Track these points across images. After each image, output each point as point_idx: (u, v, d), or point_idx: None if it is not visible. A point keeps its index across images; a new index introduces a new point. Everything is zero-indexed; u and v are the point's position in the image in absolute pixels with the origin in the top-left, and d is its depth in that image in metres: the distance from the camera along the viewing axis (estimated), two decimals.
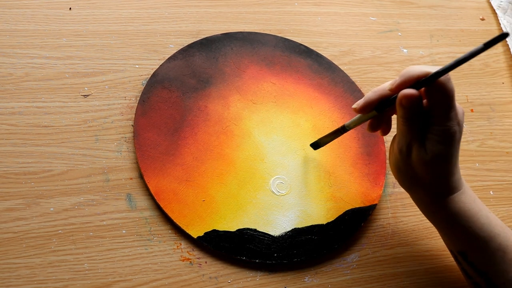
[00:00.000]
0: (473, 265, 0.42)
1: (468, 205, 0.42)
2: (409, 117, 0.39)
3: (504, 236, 0.42)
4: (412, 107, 0.38)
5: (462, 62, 0.35)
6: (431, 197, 0.42)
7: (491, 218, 0.42)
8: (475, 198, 0.43)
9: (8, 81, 0.48)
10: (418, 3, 0.68)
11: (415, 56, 0.63)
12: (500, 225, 0.42)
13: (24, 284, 0.40)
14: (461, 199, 0.42)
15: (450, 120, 0.38)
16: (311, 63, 0.57)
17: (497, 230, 0.42)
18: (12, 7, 0.53)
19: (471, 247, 0.42)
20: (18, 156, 0.45)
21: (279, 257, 0.45)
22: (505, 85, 0.64)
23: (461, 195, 0.42)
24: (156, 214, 0.45)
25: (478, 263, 0.42)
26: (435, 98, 0.38)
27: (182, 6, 0.58)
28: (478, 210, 0.42)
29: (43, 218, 0.43)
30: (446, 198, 0.42)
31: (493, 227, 0.42)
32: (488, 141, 0.59)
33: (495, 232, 0.41)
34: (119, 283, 0.42)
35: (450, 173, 0.41)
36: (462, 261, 0.43)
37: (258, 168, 0.49)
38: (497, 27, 0.69)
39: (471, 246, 0.42)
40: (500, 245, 0.41)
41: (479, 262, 0.42)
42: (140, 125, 0.48)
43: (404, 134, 0.40)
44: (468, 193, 0.43)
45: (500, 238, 0.41)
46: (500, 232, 0.42)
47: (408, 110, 0.38)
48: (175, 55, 0.53)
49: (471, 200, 0.42)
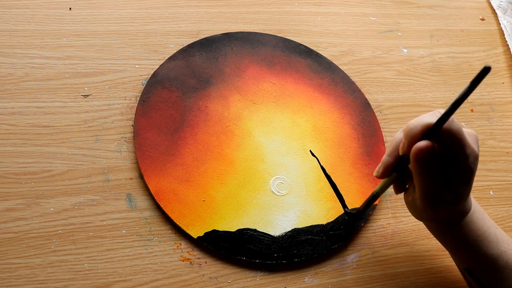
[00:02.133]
0: (480, 282, 0.43)
1: (477, 224, 0.42)
2: (429, 169, 0.37)
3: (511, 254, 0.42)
4: (430, 158, 0.36)
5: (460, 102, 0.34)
6: (445, 225, 0.42)
7: (498, 236, 0.42)
8: (483, 216, 0.43)
9: (8, 81, 0.48)
10: (418, 3, 0.68)
11: (415, 56, 0.63)
12: (506, 241, 0.42)
13: (24, 284, 0.40)
14: (472, 219, 0.41)
15: (467, 159, 0.37)
16: (311, 63, 0.57)
17: (504, 247, 0.42)
18: (12, 7, 0.53)
19: (478, 265, 0.42)
20: (18, 156, 0.45)
21: (279, 257, 0.45)
22: (505, 85, 0.64)
23: (472, 216, 0.42)
24: (156, 214, 0.45)
25: (485, 280, 0.42)
26: (446, 143, 0.36)
27: (182, 6, 0.58)
28: (487, 228, 0.42)
29: (43, 218, 0.43)
30: (459, 224, 0.41)
31: (500, 245, 0.42)
32: (488, 141, 0.59)
33: (502, 249, 0.42)
34: (119, 283, 0.42)
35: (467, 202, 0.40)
36: (469, 277, 0.44)
37: (258, 168, 0.49)
38: (497, 27, 0.69)
39: (479, 264, 0.42)
40: (507, 263, 0.41)
41: (486, 279, 0.42)
42: (140, 125, 0.48)
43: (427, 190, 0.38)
44: (477, 210, 0.42)
45: (507, 256, 0.42)
46: (507, 250, 0.42)
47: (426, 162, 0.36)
48: (175, 55, 0.53)
49: (480, 218, 0.42)
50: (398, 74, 0.61)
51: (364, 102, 0.56)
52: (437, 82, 0.61)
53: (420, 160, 0.36)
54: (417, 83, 0.60)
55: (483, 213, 0.43)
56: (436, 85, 0.61)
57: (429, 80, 0.61)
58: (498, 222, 0.54)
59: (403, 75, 0.61)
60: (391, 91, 0.59)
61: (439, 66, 0.63)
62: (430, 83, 0.61)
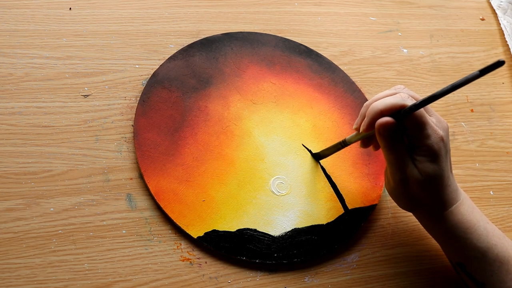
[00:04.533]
0: (471, 276, 0.43)
1: (466, 216, 0.42)
2: (391, 144, 0.40)
3: (502, 247, 0.42)
4: (391, 134, 0.40)
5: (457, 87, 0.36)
6: (430, 214, 0.43)
7: (488, 229, 0.42)
8: (473, 209, 0.43)
9: (8, 81, 0.48)
10: (418, 3, 0.68)
11: (415, 56, 0.63)
12: (497, 235, 0.43)
13: (24, 284, 0.40)
14: (459, 211, 0.42)
15: (428, 138, 0.40)
16: (311, 63, 0.57)
17: (494, 241, 0.42)
18: (12, 7, 0.53)
19: (468, 258, 0.43)
20: (18, 156, 0.45)
21: (279, 257, 0.45)
22: (505, 85, 0.64)
23: (459, 207, 0.42)
24: (156, 214, 0.45)
25: (476, 274, 0.42)
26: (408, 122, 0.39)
27: (182, 6, 0.58)
28: (476, 222, 0.42)
29: (43, 218, 0.43)
30: (444, 212, 0.42)
31: (490, 238, 0.42)
32: (488, 141, 0.59)
33: (492, 243, 0.42)
34: (119, 283, 0.42)
35: (445, 187, 0.42)
36: (461, 271, 0.44)
37: (258, 168, 0.49)
38: (497, 27, 0.69)
39: (469, 257, 0.42)
40: (497, 256, 0.42)
41: (477, 273, 0.42)
42: (140, 125, 0.48)
43: (392, 163, 0.41)
44: (466, 203, 0.43)
45: (497, 249, 0.42)
46: (497, 243, 0.42)
47: (389, 138, 0.40)
48: (175, 55, 0.53)
49: (469, 211, 0.43)
50: (398, 74, 0.61)
51: (364, 102, 0.56)
52: (437, 82, 0.61)
53: (384, 135, 0.39)
54: (417, 83, 0.60)
55: (473, 207, 0.43)
56: (436, 85, 0.61)
57: (429, 80, 0.61)
58: (498, 222, 0.54)
59: (403, 75, 0.61)
60: None
61: (439, 66, 0.63)
62: (430, 83, 0.61)
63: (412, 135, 0.40)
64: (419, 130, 0.39)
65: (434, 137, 0.40)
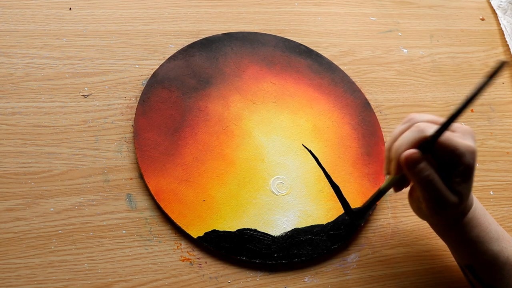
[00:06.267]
0: (480, 279, 0.42)
1: (480, 220, 0.42)
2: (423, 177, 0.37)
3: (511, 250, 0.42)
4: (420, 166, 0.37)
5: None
6: (449, 222, 0.42)
7: (499, 232, 0.42)
8: (484, 212, 0.43)
9: (8, 81, 0.48)
10: (418, 3, 0.68)
11: (415, 56, 0.63)
12: (507, 238, 0.43)
13: (24, 284, 0.40)
14: (474, 215, 0.42)
15: (463, 157, 0.37)
16: (311, 63, 0.57)
17: (504, 244, 0.42)
18: (12, 7, 0.53)
19: (479, 261, 0.42)
20: (18, 156, 0.45)
21: (279, 257, 0.45)
22: (505, 85, 0.64)
23: (474, 212, 0.42)
24: (156, 214, 0.45)
25: (485, 277, 0.42)
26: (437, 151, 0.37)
27: (182, 6, 0.58)
28: (488, 225, 0.42)
29: (43, 218, 0.43)
30: (463, 220, 0.41)
31: (501, 241, 0.42)
32: (488, 141, 0.59)
33: (503, 246, 0.42)
34: (119, 283, 0.42)
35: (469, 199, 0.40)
36: (469, 274, 0.44)
37: (258, 168, 0.49)
38: (497, 27, 0.69)
39: (480, 260, 0.42)
40: (507, 259, 0.41)
41: (486, 276, 0.42)
42: (140, 125, 0.48)
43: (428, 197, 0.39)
44: (479, 206, 0.43)
45: (508, 252, 0.42)
46: (508, 246, 0.42)
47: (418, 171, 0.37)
48: (175, 55, 0.53)
49: (482, 214, 0.42)
50: (398, 74, 0.61)
51: (364, 102, 0.56)
52: (437, 82, 0.61)
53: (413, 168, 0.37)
54: (417, 83, 0.60)
55: (483, 209, 0.43)
56: (436, 85, 0.61)
57: (429, 80, 0.61)
58: (498, 222, 0.53)
59: (403, 75, 0.61)
60: (391, 91, 0.59)
61: (439, 66, 0.63)
62: (430, 83, 0.61)
63: (447, 161, 0.37)
64: (452, 154, 0.37)
65: (468, 153, 0.37)
